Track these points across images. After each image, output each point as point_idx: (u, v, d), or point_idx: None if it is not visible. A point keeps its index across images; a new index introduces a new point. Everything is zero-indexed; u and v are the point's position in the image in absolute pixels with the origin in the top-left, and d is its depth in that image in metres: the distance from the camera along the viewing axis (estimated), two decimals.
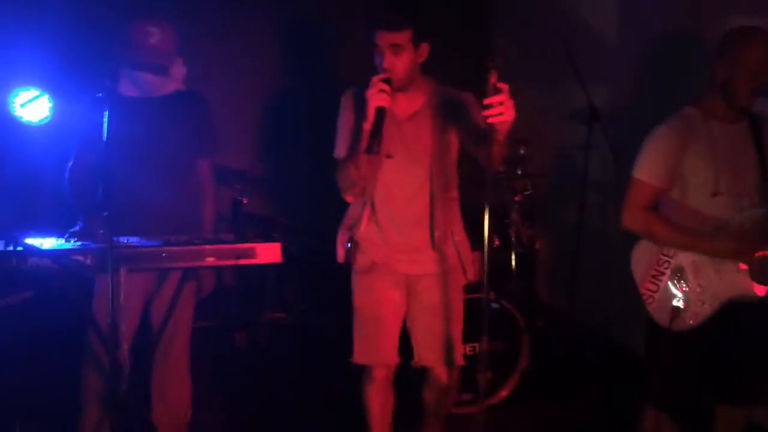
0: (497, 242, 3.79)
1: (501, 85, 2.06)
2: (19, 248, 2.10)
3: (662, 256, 2.42)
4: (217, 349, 3.93)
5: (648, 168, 2.40)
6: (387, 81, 2.27)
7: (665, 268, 2.41)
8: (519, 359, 3.37)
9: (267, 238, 2.37)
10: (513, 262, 3.79)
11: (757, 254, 2.31)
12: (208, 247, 2.26)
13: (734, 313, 2.36)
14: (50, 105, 3.70)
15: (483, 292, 2.13)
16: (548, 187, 4.34)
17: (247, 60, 4.65)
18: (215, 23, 4.57)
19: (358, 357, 2.60)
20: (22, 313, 2.94)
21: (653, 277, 2.44)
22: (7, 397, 3.02)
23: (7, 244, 2.11)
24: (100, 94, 2.43)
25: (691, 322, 2.37)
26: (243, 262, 2.30)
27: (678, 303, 2.36)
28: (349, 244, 2.58)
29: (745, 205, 2.35)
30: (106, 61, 2.29)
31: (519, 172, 3.99)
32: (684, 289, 2.38)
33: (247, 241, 2.32)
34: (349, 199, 2.54)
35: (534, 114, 4.75)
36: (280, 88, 4.82)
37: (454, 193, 2.61)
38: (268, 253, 2.34)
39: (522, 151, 4.04)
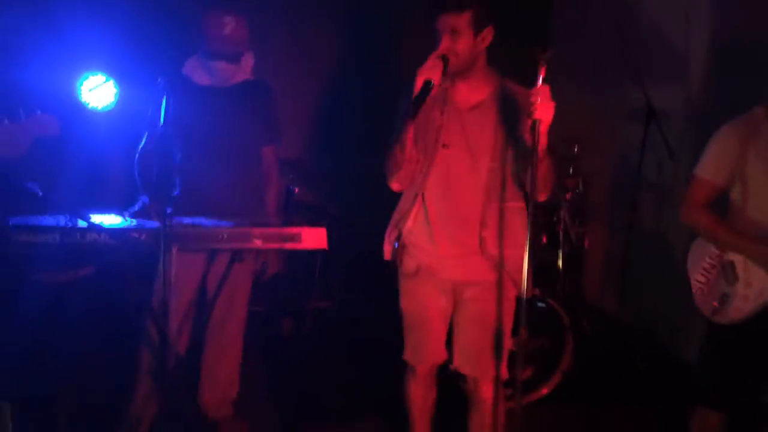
0: (544, 240, 3.76)
1: (542, 85, 2.06)
2: (82, 223, 2.20)
3: (716, 251, 2.43)
4: (264, 334, 4.01)
5: (707, 165, 2.40)
6: (442, 58, 2.20)
7: (717, 262, 2.42)
8: (562, 358, 3.34)
9: (313, 224, 2.42)
10: (560, 261, 3.76)
11: None
12: (255, 229, 2.32)
13: None
14: (116, 91, 3.85)
15: (523, 284, 2.12)
16: (601, 186, 4.29)
17: (303, 50, 4.70)
18: (273, 12, 4.64)
19: (409, 356, 2.56)
20: (83, 289, 3.07)
21: (705, 269, 2.45)
22: (66, 370, 3.17)
23: (68, 220, 2.22)
24: (160, 80, 2.54)
25: (733, 316, 2.36)
26: (289, 246, 2.35)
27: (723, 296, 2.36)
28: (396, 244, 2.46)
29: None
30: (170, 49, 2.37)
31: (571, 171, 3.95)
32: (732, 283, 2.36)
33: (293, 226, 2.37)
34: (394, 186, 2.42)
35: (589, 112, 4.70)
36: (335, 79, 4.87)
37: (516, 200, 2.39)
38: (314, 238, 2.37)
39: (575, 150, 4.00)
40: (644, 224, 4.08)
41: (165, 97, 2.21)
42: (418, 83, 2.18)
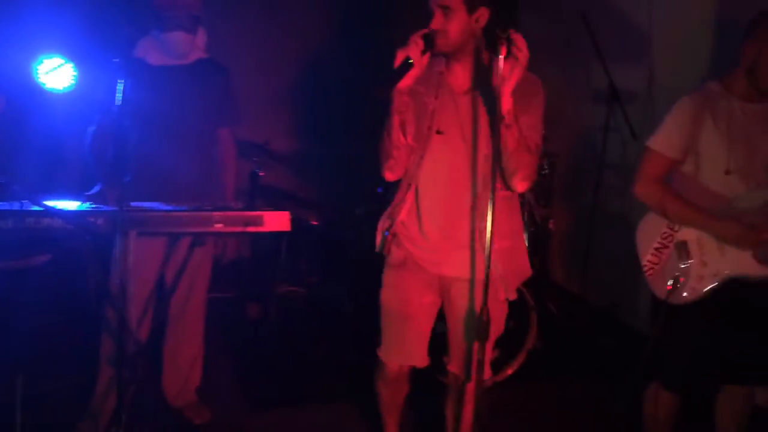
0: None
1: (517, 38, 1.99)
2: (36, 208, 2.14)
3: (667, 230, 2.43)
4: (229, 319, 3.99)
5: (662, 138, 2.39)
6: (425, 37, 2.08)
7: (669, 242, 2.42)
8: (526, 338, 3.38)
9: (276, 207, 2.37)
10: (525, 242, 3.78)
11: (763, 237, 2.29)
12: (216, 213, 2.27)
13: (734, 292, 2.35)
14: (74, 73, 3.76)
15: (486, 262, 2.08)
16: (565, 167, 4.32)
17: (276, 33, 4.65)
18: None
19: (383, 354, 2.45)
20: (40, 277, 3.01)
21: (656, 249, 2.44)
22: (24, 357, 3.11)
23: (22, 205, 2.16)
24: (117, 60, 2.48)
25: (687, 295, 2.37)
26: (251, 229, 2.30)
27: (677, 276, 2.36)
28: (387, 233, 2.35)
29: (754, 186, 2.32)
30: (125, 27, 2.29)
31: None
32: (685, 263, 2.37)
33: (255, 209, 2.34)
34: (387, 176, 2.31)
35: (553, 92, 4.68)
36: (310, 62, 4.83)
37: (507, 188, 2.26)
38: (276, 221, 2.32)
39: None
40: (608, 205, 4.13)
41: (122, 79, 2.15)
42: (398, 60, 2.07)
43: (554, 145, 4.12)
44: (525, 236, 2.35)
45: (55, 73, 3.71)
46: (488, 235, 1.97)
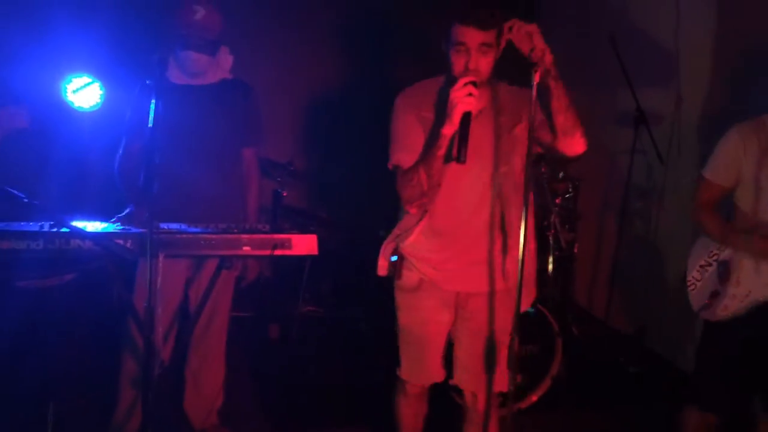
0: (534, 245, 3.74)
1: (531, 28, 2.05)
2: (64, 229, 2.15)
3: (714, 250, 2.52)
4: (251, 339, 3.97)
5: (712, 167, 2.49)
6: (474, 84, 2.06)
7: (713, 260, 2.51)
8: (551, 364, 3.32)
9: (303, 230, 2.35)
10: (550, 266, 3.74)
11: None
12: (244, 236, 2.27)
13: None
14: (101, 92, 3.80)
15: (517, 292, 2.08)
16: (590, 190, 4.28)
17: (297, 54, 4.69)
18: (268, 15, 4.62)
19: (405, 374, 2.46)
20: (65, 295, 3.01)
21: (701, 266, 2.54)
22: (46, 377, 3.11)
23: (52, 226, 2.16)
24: (149, 82, 2.48)
25: (721, 314, 2.44)
26: (279, 252, 2.29)
27: (713, 294, 2.46)
28: (395, 258, 2.35)
29: None
30: (156, 49, 2.30)
31: (560, 175, 3.93)
32: (723, 282, 2.46)
33: (283, 232, 2.32)
34: (413, 210, 2.29)
35: (579, 116, 4.69)
36: (329, 85, 4.85)
37: (521, 206, 2.24)
38: (304, 244, 2.32)
39: None
40: (633, 229, 4.08)
41: (154, 100, 2.15)
42: (457, 116, 2.06)
43: (579, 168, 4.08)
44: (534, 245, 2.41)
45: (83, 92, 3.74)
46: (521, 248, 2.02)
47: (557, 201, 3.81)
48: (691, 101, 3.80)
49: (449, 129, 2.08)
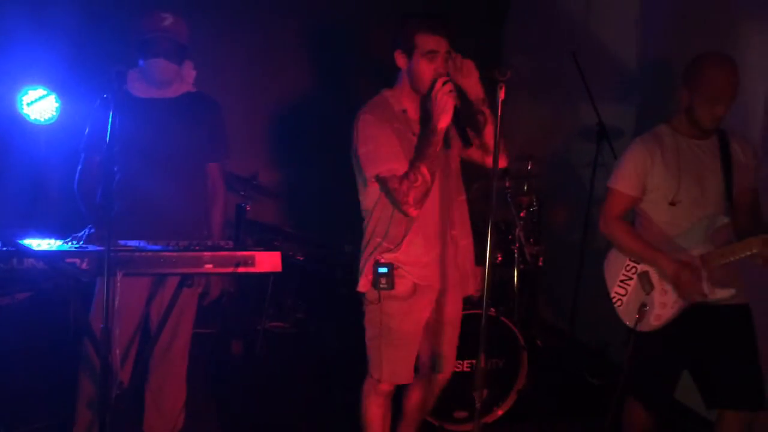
0: (500, 258, 3.75)
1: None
2: (11, 248, 2.07)
3: (630, 263, 2.60)
4: (214, 356, 3.90)
5: (621, 178, 2.57)
6: (451, 81, 2.29)
7: (633, 273, 2.59)
8: (517, 378, 3.32)
9: (267, 247, 2.33)
10: (515, 279, 3.75)
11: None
12: (207, 253, 2.22)
13: (697, 316, 2.49)
14: (57, 105, 3.70)
15: (483, 309, 2.09)
16: (554, 204, 4.31)
17: (260, 67, 4.67)
18: (231, 30, 4.58)
19: (390, 378, 2.50)
20: (18, 314, 2.91)
21: (622, 281, 2.61)
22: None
23: (3, 244, 2.08)
24: (106, 95, 2.42)
25: (654, 323, 2.52)
26: (242, 270, 2.25)
27: (642, 306, 2.51)
28: (385, 269, 2.40)
29: (700, 213, 2.47)
30: (114, 62, 2.24)
31: (525, 188, 3.96)
32: (648, 292, 2.53)
33: (246, 249, 2.28)
34: (414, 213, 2.37)
35: (542, 130, 4.74)
36: (292, 98, 4.83)
37: (463, 192, 2.60)
38: (268, 261, 2.28)
39: (529, 167, 4.01)
40: (597, 242, 4.11)
41: (111, 114, 2.09)
42: (450, 110, 2.26)
43: (543, 182, 4.12)
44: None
45: (39, 105, 3.64)
46: (488, 234, 2.14)
47: (522, 214, 3.83)
48: (650, 116, 3.87)
49: (444, 122, 2.27)
